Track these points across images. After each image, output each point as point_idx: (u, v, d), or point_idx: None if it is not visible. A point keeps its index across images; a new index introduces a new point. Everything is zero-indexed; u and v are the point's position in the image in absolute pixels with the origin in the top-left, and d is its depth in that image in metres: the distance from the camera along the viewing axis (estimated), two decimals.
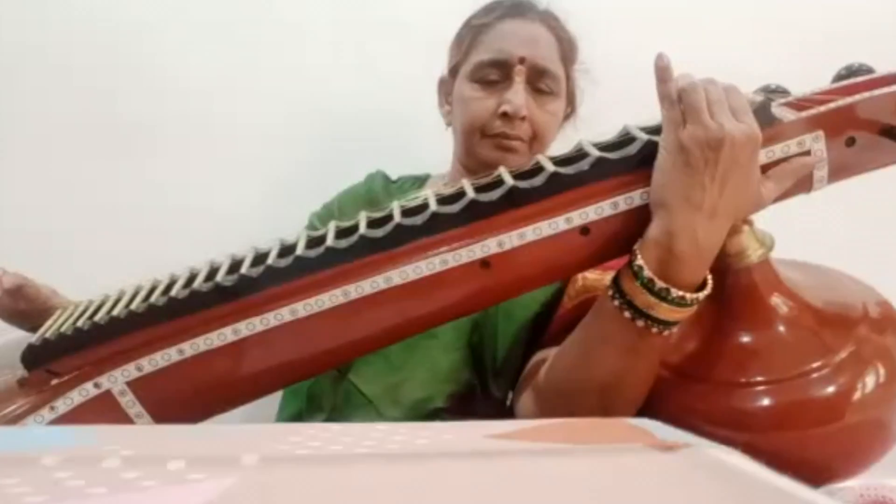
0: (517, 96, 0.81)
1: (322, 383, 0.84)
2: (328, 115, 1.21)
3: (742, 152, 0.54)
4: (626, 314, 0.58)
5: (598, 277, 0.77)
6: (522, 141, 0.83)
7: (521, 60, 0.82)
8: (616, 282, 0.59)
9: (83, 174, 1.17)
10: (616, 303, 0.59)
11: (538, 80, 0.84)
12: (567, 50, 0.88)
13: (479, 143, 0.85)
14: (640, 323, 0.58)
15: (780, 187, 0.58)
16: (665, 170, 0.56)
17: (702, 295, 0.57)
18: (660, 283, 0.56)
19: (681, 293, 0.56)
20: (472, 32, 0.88)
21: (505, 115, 0.82)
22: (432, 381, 0.80)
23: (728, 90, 0.56)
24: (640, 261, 0.57)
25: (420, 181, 1.00)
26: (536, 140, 0.84)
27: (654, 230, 0.56)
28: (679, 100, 0.56)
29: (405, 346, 0.80)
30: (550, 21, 0.87)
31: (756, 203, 0.57)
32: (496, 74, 0.84)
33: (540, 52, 0.83)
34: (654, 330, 0.58)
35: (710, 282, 0.58)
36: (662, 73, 0.57)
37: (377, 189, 0.99)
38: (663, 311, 0.57)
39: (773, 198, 0.58)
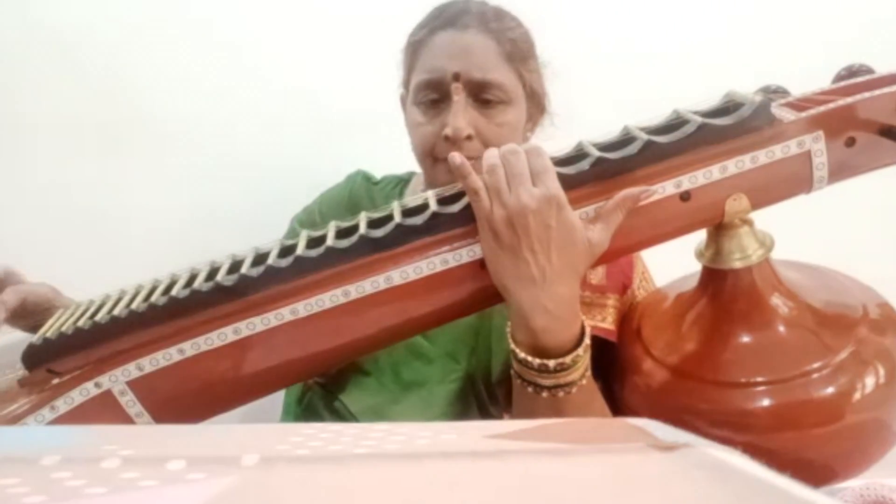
0: (456, 118, 0.75)
1: (313, 403, 0.83)
2: (321, 113, 1.21)
3: (547, 216, 0.54)
4: (530, 389, 0.60)
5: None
6: (476, 159, 0.76)
7: (456, 77, 0.75)
8: (512, 362, 0.61)
9: (72, 175, 1.17)
10: (518, 381, 0.61)
11: (481, 93, 0.77)
12: (513, 49, 0.78)
13: (433, 168, 0.80)
14: (545, 394, 0.60)
15: (610, 226, 0.57)
16: (490, 257, 0.57)
17: (581, 349, 0.59)
18: (536, 361, 0.58)
19: (559, 360, 0.58)
20: (410, 51, 0.82)
21: (448, 138, 0.76)
22: (426, 409, 0.78)
23: (529, 154, 0.56)
24: (512, 345, 0.60)
25: (403, 181, 0.97)
26: None
27: (510, 314, 0.59)
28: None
29: (400, 372, 0.79)
30: (488, 24, 0.78)
31: (589, 252, 0.57)
32: (435, 94, 0.78)
33: (476, 63, 0.76)
34: (562, 394, 0.59)
35: (587, 331, 0.60)
36: (460, 170, 0.57)
37: (358, 191, 0.96)
38: (553, 380, 0.59)
39: (607, 238, 0.57)
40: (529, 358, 0.58)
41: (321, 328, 0.58)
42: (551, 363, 0.58)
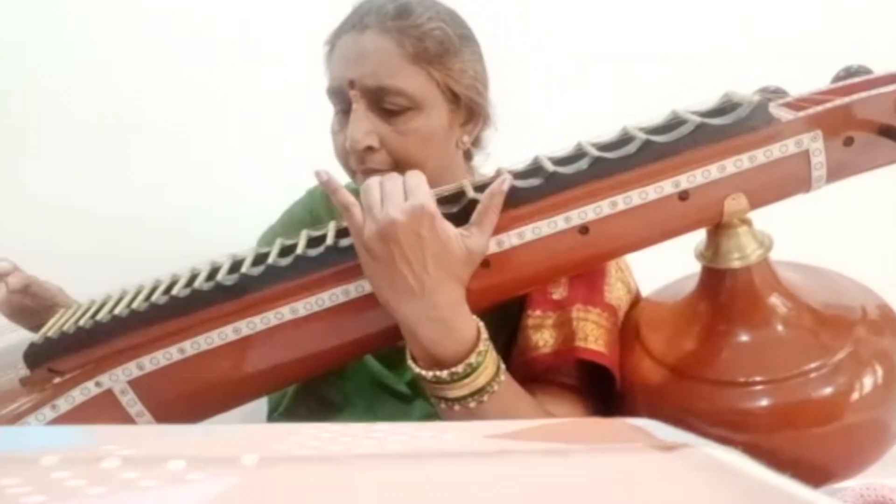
0: (353, 127, 0.68)
1: None
2: (321, 114, 1.21)
3: (417, 227, 0.54)
4: (442, 405, 0.59)
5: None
6: (383, 171, 0.66)
7: (351, 84, 0.68)
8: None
9: (72, 175, 1.17)
10: (432, 398, 0.60)
11: (381, 101, 0.68)
12: (419, 49, 0.68)
13: (354, 179, 0.74)
14: (457, 407, 0.58)
15: (486, 228, 0.57)
16: (369, 274, 0.56)
17: (473, 357, 0.56)
18: (429, 373, 0.57)
19: (451, 370, 0.56)
20: (326, 57, 0.75)
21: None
22: None
23: (407, 176, 0.57)
24: (409, 361, 0.58)
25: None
26: (403, 166, 0.68)
27: (402, 329, 0.57)
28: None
29: (375, 409, 0.77)
30: (394, 22, 0.68)
31: (469, 258, 0.56)
32: (341, 104, 0.71)
33: (369, 69, 0.67)
34: (473, 405, 0.58)
35: (483, 337, 0.58)
36: (327, 186, 0.57)
37: (318, 207, 0.92)
38: (456, 390, 0.57)
39: (485, 241, 0.57)
40: (423, 372, 0.57)
41: (321, 327, 0.58)
42: (443, 374, 0.56)
